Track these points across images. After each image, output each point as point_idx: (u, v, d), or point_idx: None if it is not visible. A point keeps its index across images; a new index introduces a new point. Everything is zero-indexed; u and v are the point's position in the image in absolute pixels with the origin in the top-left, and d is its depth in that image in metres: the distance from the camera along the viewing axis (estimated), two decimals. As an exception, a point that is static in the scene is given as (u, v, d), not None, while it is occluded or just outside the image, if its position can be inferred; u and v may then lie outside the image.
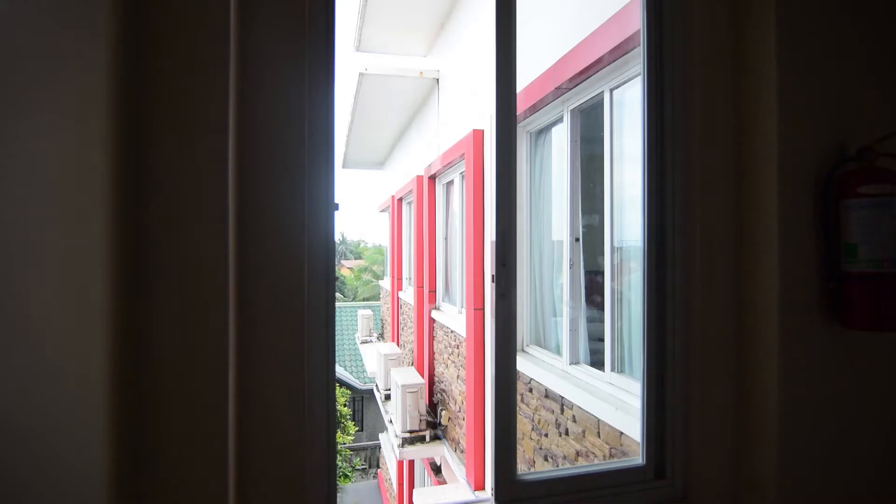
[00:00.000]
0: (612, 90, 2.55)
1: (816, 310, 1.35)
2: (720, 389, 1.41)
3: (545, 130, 3.46)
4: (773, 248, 1.33)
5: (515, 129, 1.35)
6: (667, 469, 1.41)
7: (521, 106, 3.34)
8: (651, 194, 1.43)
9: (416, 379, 5.47)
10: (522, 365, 3.40)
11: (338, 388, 15.52)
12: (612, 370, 2.53)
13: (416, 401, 5.33)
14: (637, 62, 2.31)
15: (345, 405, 14.90)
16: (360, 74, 5.75)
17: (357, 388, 16.10)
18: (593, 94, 2.70)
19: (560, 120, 3.20)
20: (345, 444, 13.37)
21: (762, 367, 1.36)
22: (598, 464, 1.69)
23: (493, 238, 1.29)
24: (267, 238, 1.06)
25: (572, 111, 2.97)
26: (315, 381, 1.13)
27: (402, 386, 5.30)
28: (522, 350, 3.64)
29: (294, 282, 1.08)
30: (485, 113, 4.15)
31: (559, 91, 2.91)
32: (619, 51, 2.33)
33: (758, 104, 1.39)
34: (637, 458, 1.46)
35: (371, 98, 6.59)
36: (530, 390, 3.30)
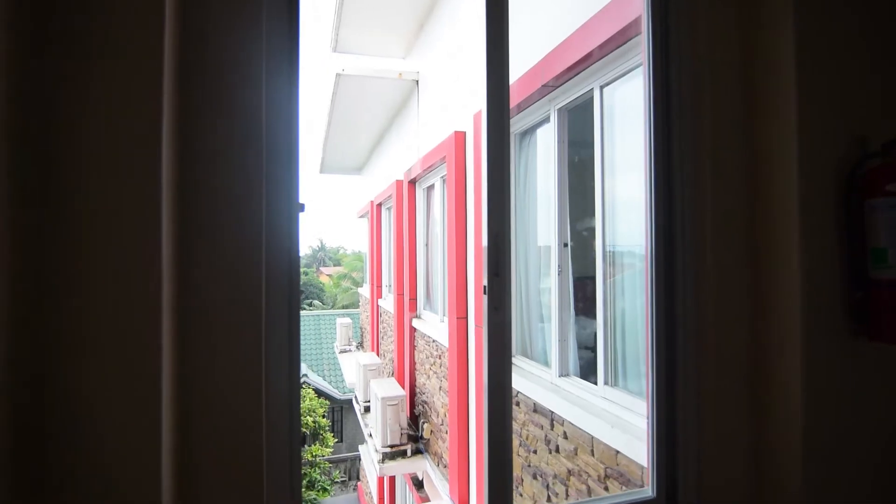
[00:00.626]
0: (602, 87, 2.42)
1: (840, 321, 1.22)
2: (736, 410, 1.27)
3: (530, 132, 3.33)
4: (793, 252, 1.20)
5: (508, 127, 1.20)
6: (679, 500, 1.26)
7: (505, 106, 3.21)
8: (657, 194, 1.28)
9: (397, 391, 5.27)
10: (508, 377, 3.24)
11: (317, 398, 15.15)
12: (606, 383, 2.39)
13: (396, 414, 5.12)
14: (630, 56, 2.19)
15: (323, 416, 14.56)
16: (338, 75, 5.56)
17: (336, 398, 15.75)
18: (582, 92, 2.57)
19: (546, 120, 3.06)
20: (323, 456, 13.05)
21: (783, 389, 1.22)
22: (603, 497, 1.53)
23: (485, 243, 1.13)
24: (216, 238, 0.88)
25: (559, 110, 2.84)
26: (275, 393, 0.95)
27: (383, 399, 5.09)
28: (508, 361, 3.48)
29: (249, 284, 0.91)
30: (467, 114, 4.01)
31: (546, 89, 2.77)
32: (611, 45, 2.20)
33: (774, 97, 1.25)
34: (645, 489, 1.31)
35: (349, 100, 6.40)
36: (517, 404, 3.14)
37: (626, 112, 2.32)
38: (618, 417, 2.22)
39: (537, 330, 3.29)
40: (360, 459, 11.86)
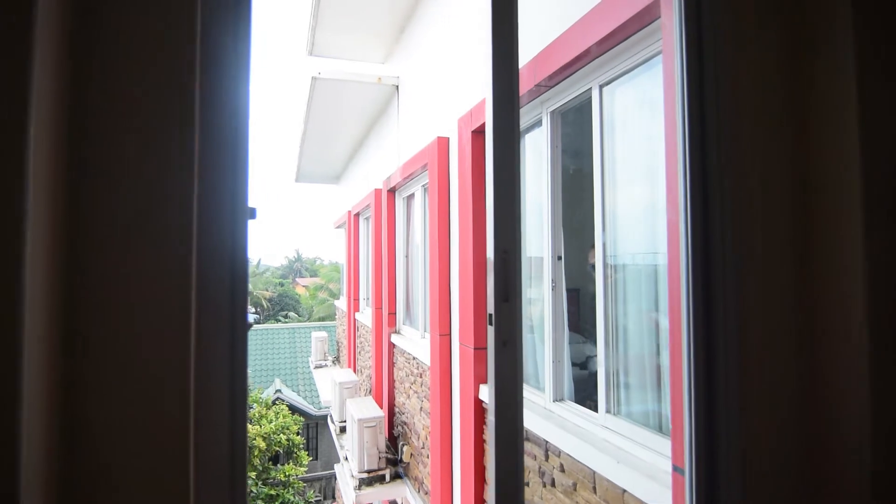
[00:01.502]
0: (602, 87, 2.23)
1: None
2: (788, 449, 1.06)
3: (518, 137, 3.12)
4: (857, 245, 1.00)
5: (517, 120, 0.98)
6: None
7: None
8: (693, 205, 1.07)
9: (375, 412, 4.97)
10: (496, 400, 3.00)
11: (291, 415, 14.66)
12: (608, 411, 2.16)
13: (374, 436, 4.82)
14: (635, 52, 2.00)
15: (298, 433, 14.05)
16: (313, 79, 5.30)
17: (311, 415, 15.24)
18: (579, 92, 2.37)
19: (538, 124, 2.86)
20: (298, 475, 12.54)
21: (847, 425, 1.01)
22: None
23: (491, 261, 0.89)
24: (120, 245, 0.63)
25: (552, 113, 2.64)
26: (210, 425, 0.70)
27: (359, 420, 4.78)
28: (495, 382, 3.24)
29: (170, 297, 0.66)
30: (450, 119, 3.79)
31: (538, 90, 2.57)
32: (612, 39, 2.01)
33: (828, 85, 1.06)
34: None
35: (325, 106, 6.14)
36: (507, 430, 2.90)
37: (629, 113, 2.13)
38: (623, 451, 1.99)
39: (527, 348, 3.06)
40: (335, 478, 11.43)
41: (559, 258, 2.64)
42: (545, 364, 2.67)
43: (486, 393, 3.10)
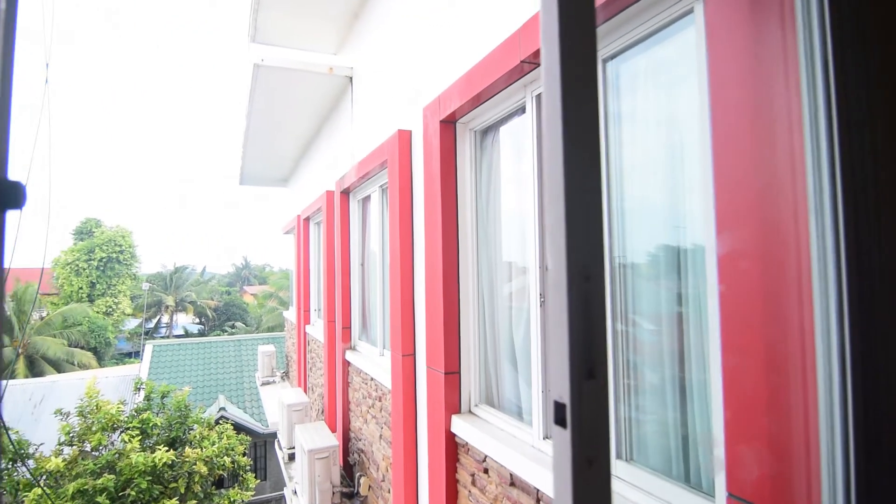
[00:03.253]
0: (605, 61, 1.84)
1: None
2: None
3: (493, 129, 2.71)
4: None
5: (594, 52, 0.54)
6: None
7: (462, 96, 2.57)
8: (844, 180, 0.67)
9: (327, 440, 4.41)
10: (471, 434, 2.55)
11: (237, 434, 13.75)
12: (618, 456, 1.76)
13: (327, 468, 4.26)
14: (649, 16, 1.62)
15: (244, 454, 13.08)
16: (256, 66, 4.72)
17: (259, 433, 14.30)
18: (574, 70, 1.97)
19: (518, 112, 2.46)
20: (244, 501, 11.63)
21: None
22: None
23: (559, 283, 0.45)
24: None
25: (538, 97, 2.24)
26: None
27: (310, 452, 4.21)
28: (469, 411, 2.80)
29: None
30: (414, 110, 3.34)
31: (520, 68, 2.16)
32: (622, 1, 1.62)
33: None
34: None
35: (270, 100, 5.55)
36: (486, 471, 2.45)
37: (644, 93, 1.75)
38: (644, 511, 1.59)
39: (506, 371, 2.63)
40: (284, 500, 10.62)
41: (548, 268, 2.23)
42: (533, 393, 2.25)
43: (462, 427, 2.65)
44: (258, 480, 13.67)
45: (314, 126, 6.52)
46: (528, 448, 2.22)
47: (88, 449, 9.07)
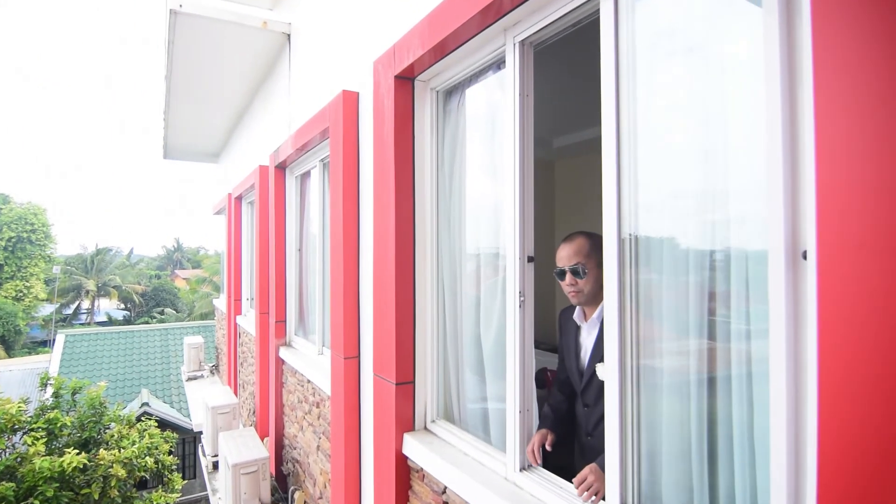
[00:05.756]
0: (620, -9, 1.40)
1: None
2: None
3: (460, 88, 2.23)
4: None
5: None
6: None
7: (423, 43, 2.07)
8: None
9: (256, 452, 3.83)
10: (427, 458, 2.10)
11: (161, 432, 12.66)
12: (623, 502, 1.36)
13: (255, 484, 3.70)
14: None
15: (170, 452, 12.08)
16: (173, 13, 3.97)
17: (187, 429, 13.29)
18: (575, 5, 1.52)
19: (494, 66, 1.99)
20: (168, 503, 10.72)
21: None
22: None
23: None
24: None
25: (522, 44, 1.78)
26: None
27: (234, 465, 3.63)
28: (425, 428, 2.35)
29: None
30: (363, 67, 2.80)
31: (498, 6, 1.69)
32: None
33: None
34: None
35: (194, 58, 4.78)
36: (445, 505, 2.02)
37: (668, 26, 1.32)
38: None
39: (471, 382, 2.20)
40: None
41: (530, 260, 1.80)
42: (508, 413, 1.82)
43: (416, 449, 2.20)
44: (185, 481, 12.72)
45: (247, 92, 5.77)
46: (499, 481, 1.80)
47: (-20, 455, 7.91)
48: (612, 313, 1.38)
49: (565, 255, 1.91)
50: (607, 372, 1.39)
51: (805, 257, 0.96)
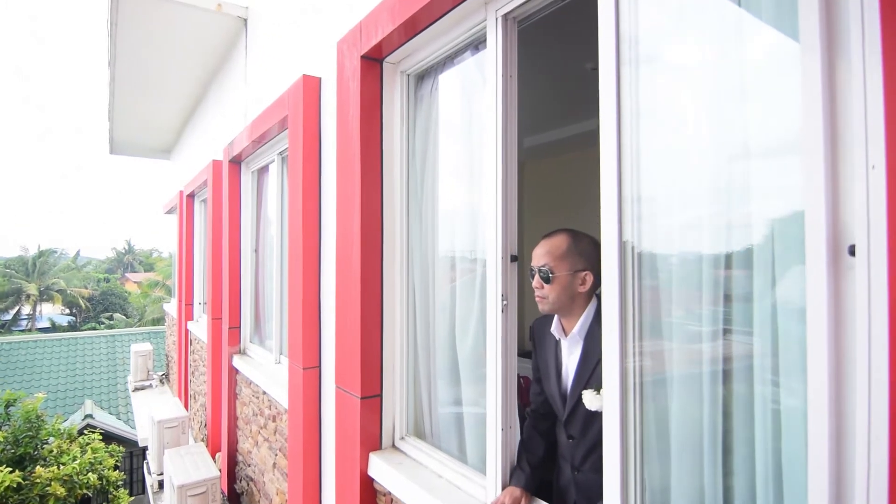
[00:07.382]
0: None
1: None
2: None
3: (434, 71, 2.03)
4: None
5: None
6: None
7: (393, 19, 1.86)
8: None
9: (205, 471, 3.51)
10: (395, 481, 1.88)
11: (106, 445, 11.87)
12: (628, 542, 1.18)
13: (204, 507, 3.38)
14: None
15: (116, 467, 11.32)
16: (115, -9, 3.62)
17: (135, 441, 12.53)
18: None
19: (473, 46, 1.80)
20: (112, 522, 10.02)
21: None
22: None
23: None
24: None
25: (506, 18, 1.60)
26: None
27: (180, 487, 3.30)
28: (393, 446, 2.13)
29: None
30: (326, 50, 2.56)
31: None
32: None
33: None
34: None
35: (141, 42, 4.40)
36: (417, 535, 1.80)
37: (671, 19, 1.16)
38: None
39: (444, 394, 2.00)
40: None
41: (513, 259, 1.61)
42: (489, 431, 1.63)
43: (383, 471, 1.97)
44: (132, 497, 11.98)
45: (201, 82, 5.40)
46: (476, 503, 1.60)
47: None
48: (612, 326, 1.21)
49: (537, 254, 1.65)
50: (607, 405, 1.21)
51: (852, 253, 0.82)
